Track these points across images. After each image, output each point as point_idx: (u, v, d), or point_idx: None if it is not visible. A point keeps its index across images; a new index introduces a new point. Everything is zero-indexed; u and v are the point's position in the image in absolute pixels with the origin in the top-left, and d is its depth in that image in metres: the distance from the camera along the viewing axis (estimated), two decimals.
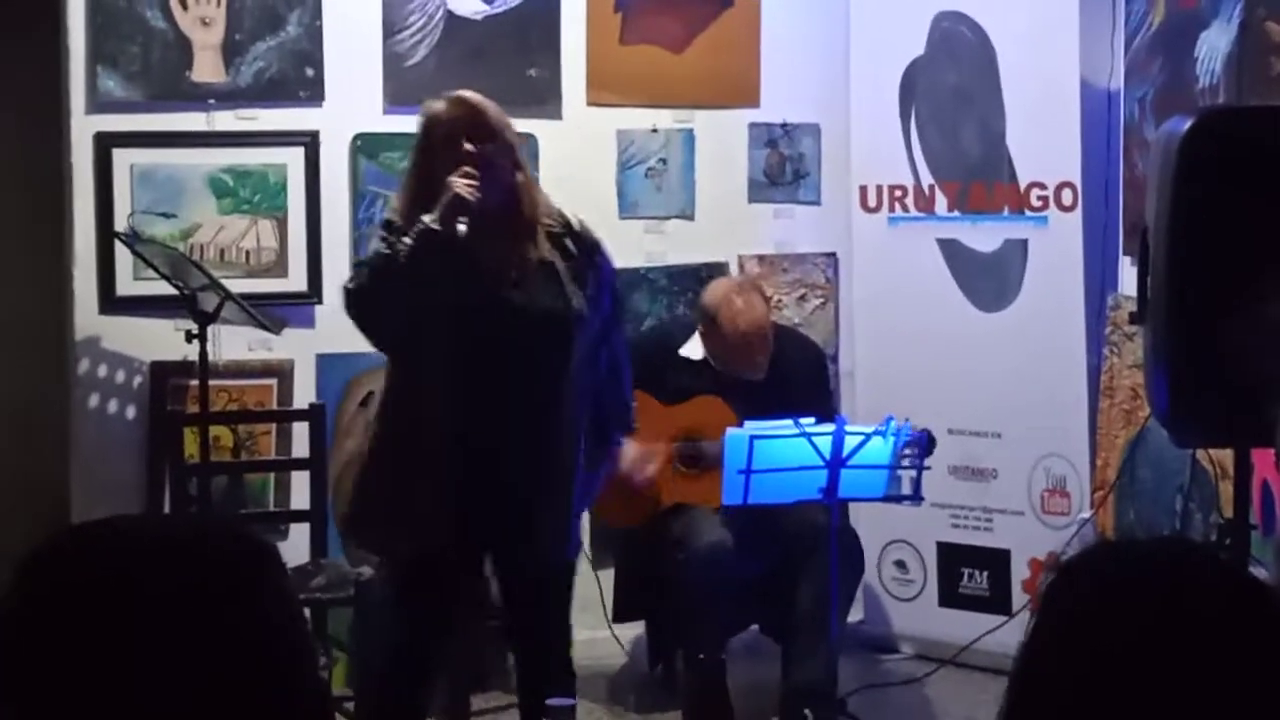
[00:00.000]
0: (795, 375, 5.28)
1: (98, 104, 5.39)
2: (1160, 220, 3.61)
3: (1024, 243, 5.61)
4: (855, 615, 5.60)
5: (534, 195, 4.08)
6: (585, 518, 4.75)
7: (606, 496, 4.61)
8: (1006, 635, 5.38)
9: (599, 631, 5.50)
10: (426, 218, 3.87)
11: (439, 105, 4.05)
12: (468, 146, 3.93)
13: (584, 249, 4.08)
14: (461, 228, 3.85)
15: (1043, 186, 5.54)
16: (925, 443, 4.84)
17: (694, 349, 5.25)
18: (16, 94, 5.82)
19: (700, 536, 5.00)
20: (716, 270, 5.82)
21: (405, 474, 4.01)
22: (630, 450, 4.92)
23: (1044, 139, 5.55)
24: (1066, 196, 5.50)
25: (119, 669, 1.32)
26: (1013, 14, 5.56)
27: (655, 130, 5.86)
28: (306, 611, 4.91)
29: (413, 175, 4.09)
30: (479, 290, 3.94)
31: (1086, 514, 5.48)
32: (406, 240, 3.88)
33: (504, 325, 3.94)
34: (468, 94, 4.07)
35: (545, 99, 5.72)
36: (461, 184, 3.87)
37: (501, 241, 3.95)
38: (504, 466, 3.98)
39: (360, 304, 3.96)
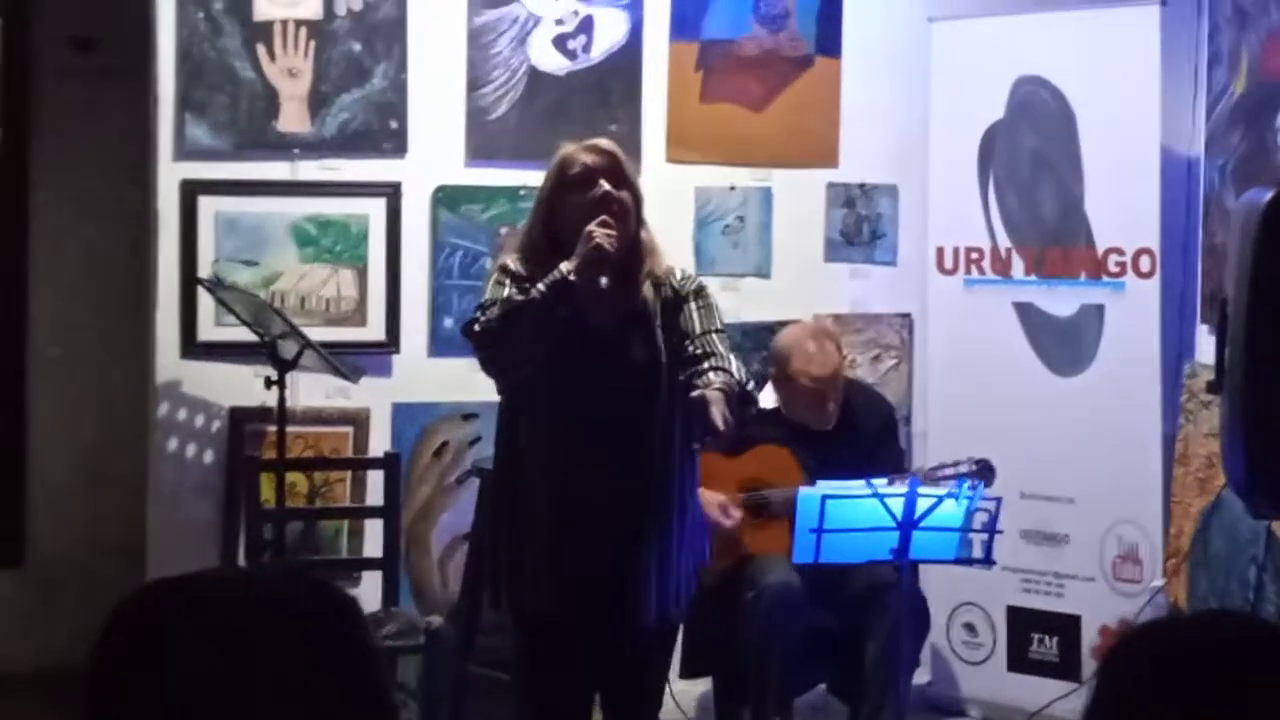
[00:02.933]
0: (865, 429, 5.28)
1: (185, 151, 5.47)
2: (1240, 290, 3.60)
3: (1100, 308, 5.59)
4: (923, 677, 5.57)
5: (654, 250, 4.02)
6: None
7: None
8: (1075, 702, 5.33)
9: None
10: (565, 266, 3.83)
11: (577, 149, 3.99)
12: (608, 190, 3.88)
13: (682, 296, 4.02)
14: (603, 280, 3.86)
15: (1120, 252, 5.53)
16: (987, 471, 4.92)
17: (765, 398, 5.24)
18: (106, 139, 5.95)
19: (770, 575, 4.99)
20: None
21: (519, 528, 3.99)
22: (712, 497, 4.91)
23: (1123, 205, 5.53)
24: (1144, 263, 5.48)
25: None
26: (1093, 80, 5.56)
27: (733, 188, 5.88)
28: None
29: (539, 214, 4.02)
30: (590, 339, 3.91)
31: (1158, 582, 5.44)
32: (541, 287, 3.83)
33: (603, 374, 3.92)
34: (606, 142, 4.03)
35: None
36: (602, 234, 3.82)
37: (617, 293, 3.93)
38: (605, 517, 3.94)
39: (490, 345, 3.90)
